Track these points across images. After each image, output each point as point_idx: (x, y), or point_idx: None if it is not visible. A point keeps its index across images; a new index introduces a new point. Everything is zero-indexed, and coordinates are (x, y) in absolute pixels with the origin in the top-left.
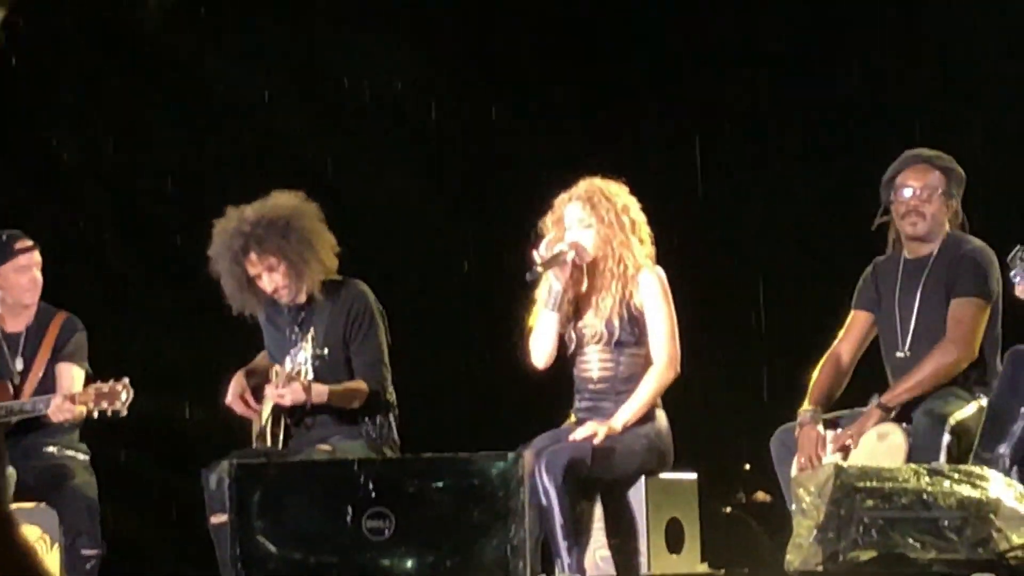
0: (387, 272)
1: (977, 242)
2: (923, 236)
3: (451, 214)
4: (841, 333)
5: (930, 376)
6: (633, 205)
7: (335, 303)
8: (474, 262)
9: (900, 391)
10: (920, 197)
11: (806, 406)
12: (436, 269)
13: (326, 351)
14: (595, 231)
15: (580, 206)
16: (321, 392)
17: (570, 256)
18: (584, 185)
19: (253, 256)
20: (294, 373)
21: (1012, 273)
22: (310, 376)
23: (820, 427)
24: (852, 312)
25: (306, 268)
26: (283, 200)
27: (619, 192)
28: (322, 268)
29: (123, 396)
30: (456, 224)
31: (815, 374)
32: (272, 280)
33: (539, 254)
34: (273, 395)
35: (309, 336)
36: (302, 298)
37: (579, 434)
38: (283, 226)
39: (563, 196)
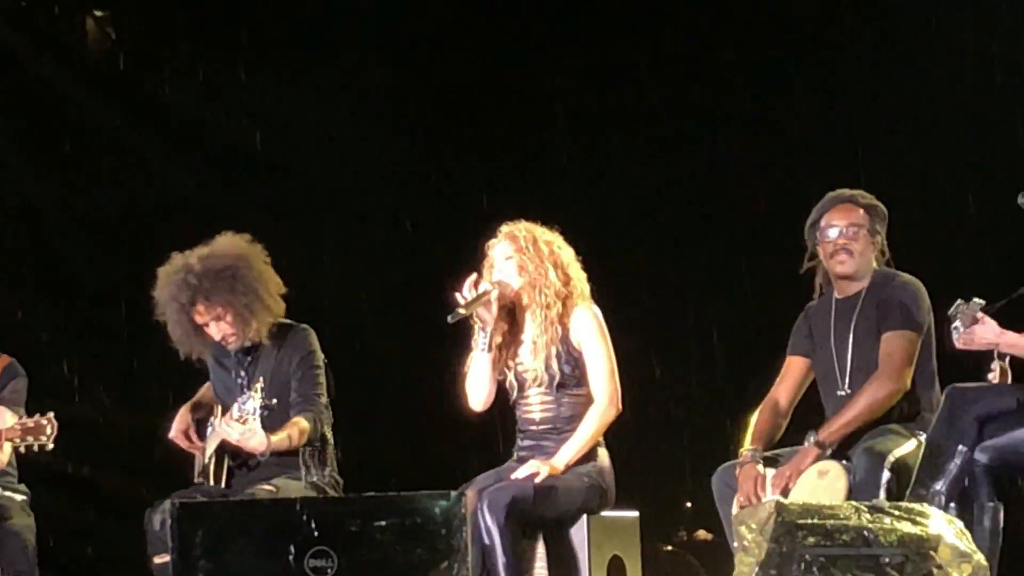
0: (329, 314)
1: (905, 276)
2: (852, 274)
3: (395, 255)
4: (778, 379)
5: (865, 411)
6: (558, 241)
7: (281, 348)
8: (418, 302)
9: (836, 427)
10: (847, 235)
11: (747, 445)
12: (378, 309)
13: (275, 401)
14: (514, 260)
15: (503, 243)
16: (279, 444)
17: (494, 295)
18: (507, 226)
19: (201, 307)
20: (243, 420)
21: (952, 326)
22: (258, 424)
23: (760, 467)
24: (788, 358)
25: (252, 317)
26: (229, 247)
27: (544, 230)
28: (269, 314)
29: (48, 430)
30: (400, 265)
31: (754, 417)
32: (220, 328)
33: (461, 296)
34: (232, 430)
35: (259, 387)
36: (252, 340)
37: (521, 473)
38: (230, 277)
39: (491, 241)
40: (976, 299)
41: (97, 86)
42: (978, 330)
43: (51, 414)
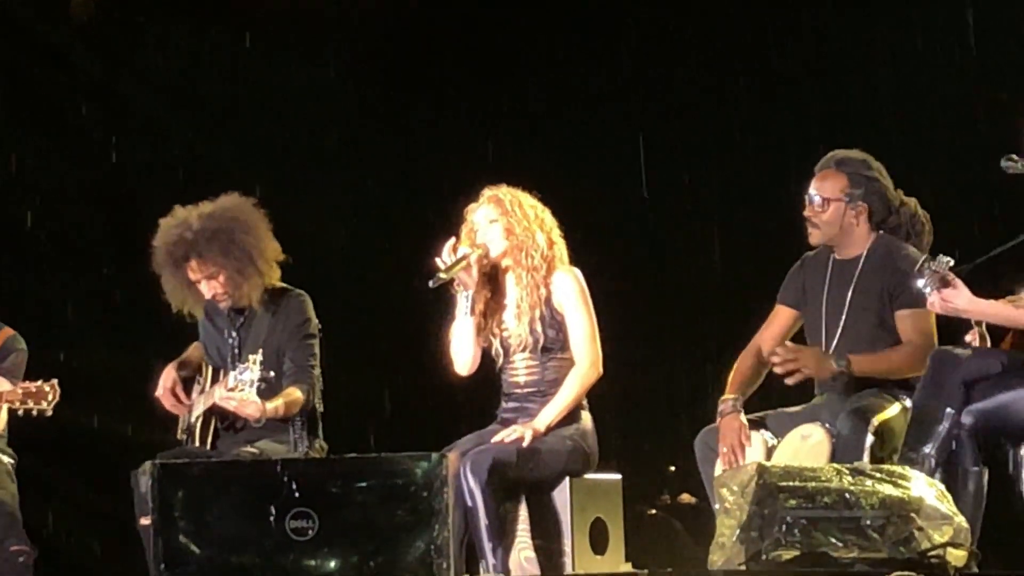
0: (318, 277)
1: (911, 250)
2: (817, 245)
3: (383, 220)
4: (764, 326)
5: (896, 370)
6: (540, 206)
7: (276, 314)
8: (403, 266)
9: (866, 364)
10: (816, 206)
11: (727, 395)
12: (364, 273)
13: (271, 374)
14: (499, 223)
15: (486, 205)
16: (275, 410)
17: (473, 257)
18: (490, 190)
19: (194, 264)
20: (239, 390)
21: (921, 283)
22: (254, 395)
23: (742, 416)
24: (777, 306)
25: (244, 281)
26: (230, 207)
27: (525, 195)
28: (262, 280)
29: (50, 396)
30: (385, 228)
31: (736, 364)
32: (212, 287)
33: (441, 260)
34: (230, 402)
35: (256, 359)
36: (243, 303)
37: (503, 436)
38: (225, 239)
39: (471, 205)
40: (943, 256)
41: (82, 46)
42: (949, 295)
43: (54, 381)
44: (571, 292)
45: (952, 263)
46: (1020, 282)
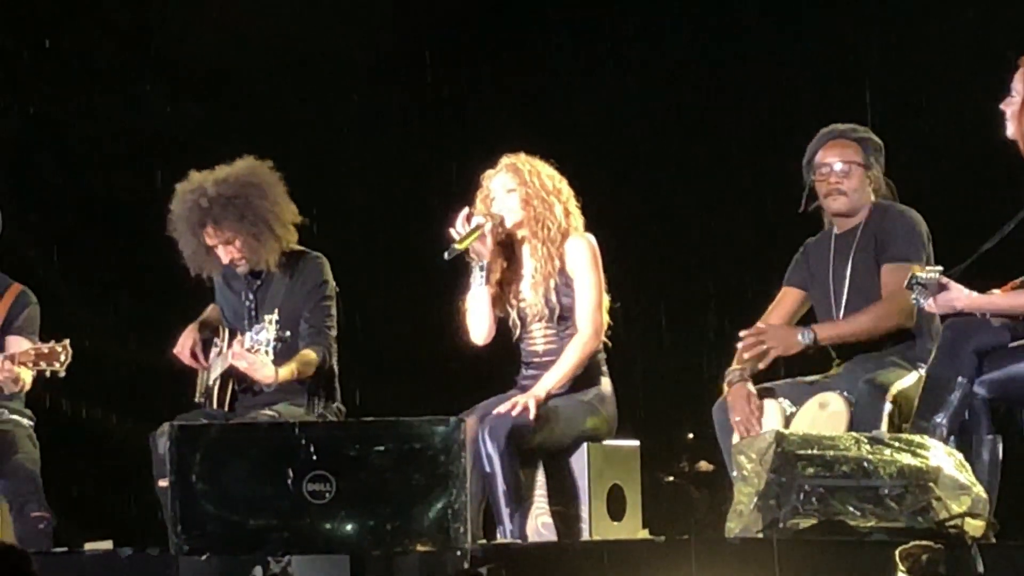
0: (337, 241)
1: (901, 207)
2: (845, 211)
3: (404, 183)
4: (770, 307)
5: (864, 332)
6: (557, 176)
7: (293, 276)
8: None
9: (833, 331)
10: (839, 173)
11: (733, 367)
12: (385, 238)
13: (287, 334)
14: (517, 193)
15: (504, 174)
16: (289, 373)
17: (487, 227)
18: (508, 158)
19: (210, 230)
20: (255, 351)
21: (912, 298)
22: (270, 356)
23: (749, 384)
24: (783, 288)
25: (261, 246)
26: (245, 172)
27: (543, 164)
28: (278, 244)
29: (62, 357)
30: (406, 194)
31: (740, 343)
32: (228, 252)
33: (455, 231)
34: (243, 361)
35: (272, 319)
36: (260, 267)
37: (504, 407)
38: (241, 204)
39: (488, 172)
40: (930, 268)
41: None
42: (945, 300)
43: (67, 341)
44: (582, 258)
45: (941, 270)
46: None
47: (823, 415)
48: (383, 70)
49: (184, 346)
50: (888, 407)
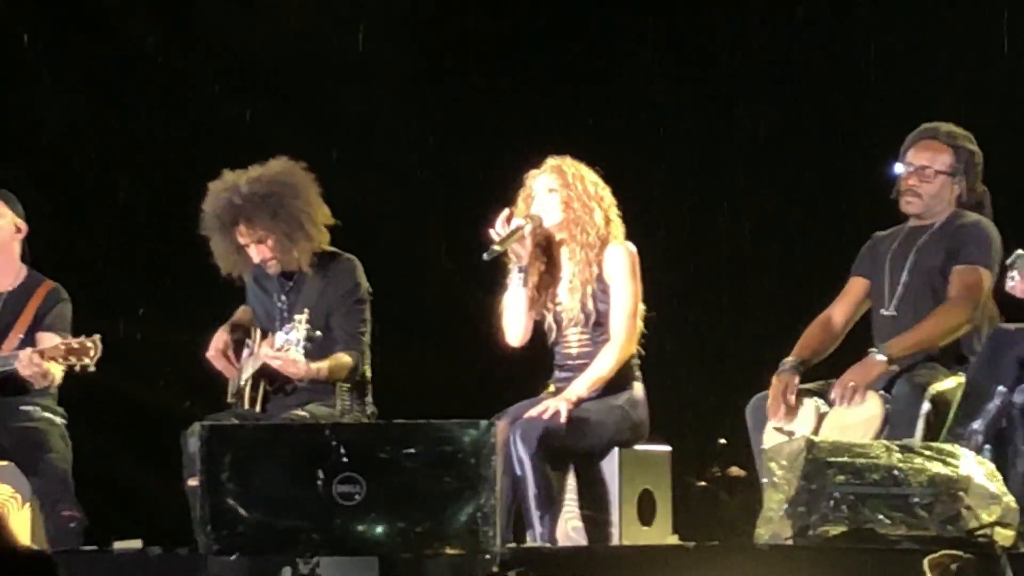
0: (371, 244)
1: (978, 216)
2: (917, 215)
3: (438, 186)
4: (838, 297)
5: (934, 334)
6: (601, 183)
7: (325, 278)
8: (457, 230)
9: (904, 344)
10: (920, 176)
11: (788, 358)
12: (420, 240)
13: (318, 333)
14: (558, 194)
15: (547, 174)
16: (318, 371)
17: (527, 229)
18: (554, 159)
19: (243, 228)
20: (285, 350)
21: (1010, 275)
22: (301, 355)
23: (797, 379)
24: (851, 278)
25: (293, 246)
26: (279, 172)
27: (588, 170)
28: (311, 245)
29: (92, 352)
30: (441, 195)
31: (804, 333)
32: (260, 252)
33: (495, 232)
34: (275, 360)
35: (303, 318)
36: (292, 268)
37: (536, 411)
38: (274, 203)
39: (533, 171)
40: None
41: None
42: None
43: (96, 336)
44: (620, 266)
45: None
46: None
47: (856, 415)
48: (422, 73)
49: (216, 349)
50: (926, 406)
